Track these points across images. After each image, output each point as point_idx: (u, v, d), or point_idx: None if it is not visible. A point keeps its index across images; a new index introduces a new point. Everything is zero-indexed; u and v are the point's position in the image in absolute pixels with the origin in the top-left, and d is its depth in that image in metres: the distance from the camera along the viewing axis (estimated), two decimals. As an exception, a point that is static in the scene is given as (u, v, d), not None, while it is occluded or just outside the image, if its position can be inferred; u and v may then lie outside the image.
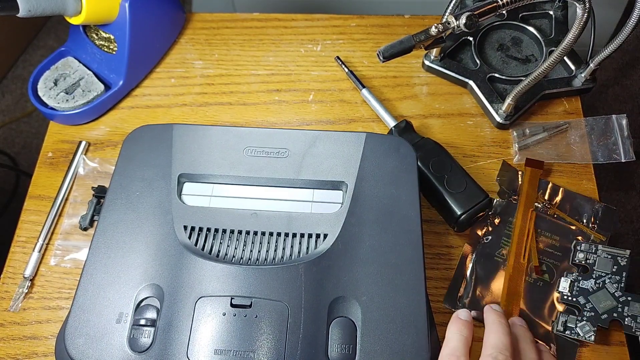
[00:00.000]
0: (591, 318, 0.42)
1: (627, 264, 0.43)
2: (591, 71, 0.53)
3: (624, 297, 0.42)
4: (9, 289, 0.47)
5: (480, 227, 0.48)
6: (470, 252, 0.47)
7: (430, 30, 0.41)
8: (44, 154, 0.54)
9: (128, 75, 0.56)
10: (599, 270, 0.44)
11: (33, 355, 0.44)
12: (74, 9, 0.49)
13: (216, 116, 0.57)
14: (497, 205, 0.48)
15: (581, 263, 0.44)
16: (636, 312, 0.42)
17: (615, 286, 0.43)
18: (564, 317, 0.43)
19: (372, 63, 0.59)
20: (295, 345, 0.35)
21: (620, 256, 0.44)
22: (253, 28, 0.63)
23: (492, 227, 0.48)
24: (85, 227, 0.49)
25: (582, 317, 0.42)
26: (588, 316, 0.42)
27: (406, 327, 0.36)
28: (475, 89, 0.55)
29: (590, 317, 0.42)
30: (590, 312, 0.42)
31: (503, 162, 0.51)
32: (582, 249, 0.44)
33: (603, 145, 0.52)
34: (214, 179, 0.43)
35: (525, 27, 0.58)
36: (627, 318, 0.42)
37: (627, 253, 0.44)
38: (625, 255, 0.43)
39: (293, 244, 0.39)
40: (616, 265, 0.43)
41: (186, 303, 0.36)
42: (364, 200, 0.41)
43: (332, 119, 0.56)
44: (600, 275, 0.43)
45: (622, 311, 0.42)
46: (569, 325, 0.42)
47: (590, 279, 0.43)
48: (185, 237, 0.39)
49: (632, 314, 0.42)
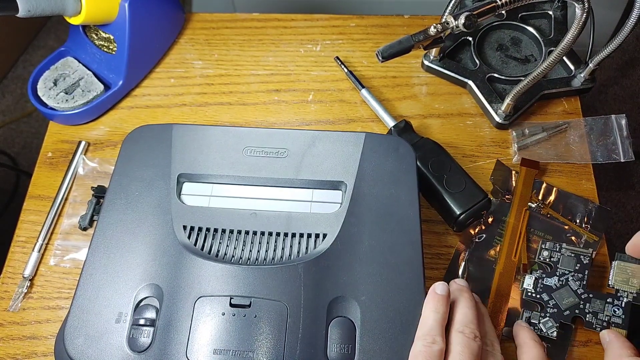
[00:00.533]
0: (554, 314, 0.43)
1: (589, 262, 0.44)
2: (590, 71, 0.53)
3: (586, 295, 0.43)
4: (9, 288, 0.47)
5: (473, 226, 0.48)
6: (463, 250, 0.47)
7: (429, 30, 0.41)
8: (43, 154, 0.55)
9: (128, 75, 0.56)
10: (562, 268, 0.44)
11: (32, 355, 0.44)
12: (74, 9, 0.49)
13: (216, 116, 0.57)
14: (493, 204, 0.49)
15: (545, 261, 0.45)
16: (597, 309, 0.42)
17: (578, 284, 0.43)
18: (528, 313, 0.43)
19: (371, 63, 0.59)
20: (295, 345, 0.35)
21: (583, 255, 0.44)
22: (253, 28, 0.63)
23: (485, 225, 0.48)
24: (84, 227, 0.49)
25: (545, 313, 0.43)
26: (551, 312, 0.43)
27: (405, 327, 0.36)
28: (475, 89, 0.55)
29: (553, 314, 0.43)
30: (553, 308, 0.43)
31: (497, 161, 0.51)
32: (547, 247, 0.45)
33: (602, 145, 0.52)
34: (213, 179, 0.43)
35: (525, 27, 0.58)
36: (588, 315, 0.42)
37: (590, 252, 0.44)
38: (588, 254, 0.44)
39: (292, 244, 0.39)
40: (579, 263, 0.44)
41: (185, 303, 0.36)
42: (363, 200, 0.41)
43: (331, 119, 0.56)
44: (563, 273, 0.44)
45: (584, 308, 0.43)
46: (532, 322, 0.43)
47: (554, 277, 0.44)
48: (184, 237, 0.39)
49: (592, 311, 0.42)
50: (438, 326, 0.35)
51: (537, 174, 0.50)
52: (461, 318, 0.36)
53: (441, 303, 0.36)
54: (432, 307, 0.36)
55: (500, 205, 0.49)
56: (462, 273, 0.46)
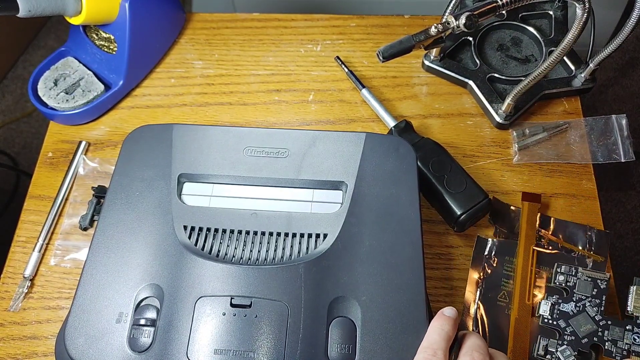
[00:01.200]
0: (572, 342, 0.41)
1: (606, 287, 0.42)
2: (591, 71, 0.53)
3: (604, 321, 0.41)
4: (9, 289, 0.47)
5: (478, 271, 0.46)
6: (473, 300, 0.45)
7: (430, 30, 0.41)
8: (44, 154, 0.55)
9: (128, 75, 0.56)
10: (579, 293, 0.43)
11: (33, 355, 0.44)
12: (74, 9, 0.49)
13: (216, 116, 0.57)
14: (493, 245, 0.47)
15: (561, 286, 0.43)
16: (616, 337, 0.41)
17: (596, 310, 0.42)
18: (545, 341, 0.42)
19: (371, 63, 0.59)
20: (295, 345, 0.35)
21: (600, 279, 0.43)
22: (253, 28, 0.63)
23: (490, 269, 0.46)
24: (85, 227, 0.49)
25: (563, 341, 0.41)
26: (569, 340, 0.41)
27: (406, 327, 0.36)
28: (475, 89, 0.55)
29: (571, 342, 0.41)
30: (571, 336, 0.41)
31: (493, 198, 0.49)
32: (562, 272, 0.43)
33: (603, 145, 0.52)
34: (213, 178, 0.43)
35: (525, 27, 0.58)
36: (607, 342, 0.41)
37: (607, 276, 0.43)
38: (605, 279, 0.43)
39: (293, 244, 0.39)
40: (596, 288, 0.42)
41: (186, 303, 0.36)
42: (363, 200, 0.41)
43: (332, 119, 0.56)
44: (580, 299, 0.42)
45: (603, 335, 0.41)
46: (549, 350, 0.41)
47: (570, 302, 0.42)
48: (185, 237, 0.39)
49: (612, 338, 0.41)
50: (442, 341, 0.34)
51: (540, 208, 0.48)
52: (471, 344, 0.35)
53: (448, 323, 0.35)
54: (437, 325, 0.35)
55: (502, 244, 0.47)
56: (473, 324, 0.44)
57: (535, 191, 0.50)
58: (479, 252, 0.47)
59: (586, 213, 0.49)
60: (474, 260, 0.46)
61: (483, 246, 0.47)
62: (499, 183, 0.51)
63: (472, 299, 0.45)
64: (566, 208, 0.50)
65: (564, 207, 0.50)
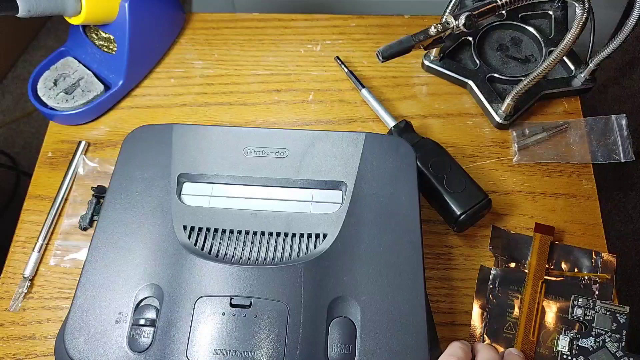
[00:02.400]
0: None
1: (626, 321, 0.41)
2: (591, 71, 0.53)
3: (626, 358, 0.40)
4: (9, 288, 0.47)
5: (483, 301, 0.44)
6: (478, 335, 0.43)
7: (430, 30, 0.41)
8: (43, 154, 0.54)
9: (128, 75, 0.56)
10: (598, 327, 0.41)
11: (33, 355, 0.44)
12: (74, 9, 0.49)
13: (216, 116, 0.57)
14: (497, 275, 0.45)
15: (579, 319, 0.42)
16: None
17: (616, 345, 0.40)
18: None
19: (371, 63, 0.59)
20: (295, 345, 0.35)
21: (619, 313, 0.41)
22: (253, 28, 0.63)
23: (495, 299, 0.44)
24: (84, 227, 0.49)
25: None
26: None
27: (405, 327, 0.36)
28: (475, 89, 0.55)
29: None
30: None
31: (492, 226, 0.48)
32: (580, 304, 0.42)
33: (602, 145, 0.52)
34: (213, 179, 0.43)
35: (525, 27, 0.58)
36: None
37: (627, 310, 0.42)
38: (625, 312, 0.41)
39: (292, 244, 0.39)
40: (615, 322, 0.41)
41: (186, 303, 0.36)
42: (363, 200, 0.41)
43: (331, 119, 0.56)
44: (599, 333, 0.41)
45: None
46: None
47: (589, 337, 0.41)
48: (184, 237, 0.39)
49: None
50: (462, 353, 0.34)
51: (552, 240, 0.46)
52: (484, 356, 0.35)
53: (461, 349, 0.35)
54: (449, 352, 0.35)
55: (505, 273, 0.45)
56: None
57: (535, 191, 0.50)
58: (482, 282, 0.45)
59: (586, 213, 0.49)
60: (478, 291, 0.45)
61: (486, 276, 0.45)
62: (498, 183, 0.51)
63: (478, 332, 0.43)
64: (566, 208, 0.50)
65: (564, 207, 0.50)
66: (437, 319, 0.44)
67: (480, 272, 0.46)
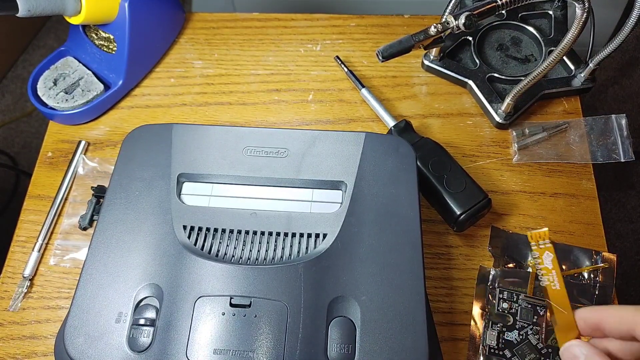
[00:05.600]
0: None
1: (545, 313, 0.42)
2: (590, 71, 0.53)
3: (546, 350, 0.41)
4: (9, 288, 0.47)
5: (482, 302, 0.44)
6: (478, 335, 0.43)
7: (430, 30, 0.41)
8: (43, 153, 0.54)
9: (128, 75, 0.56)
10: (521, 320, 0.42)
11: (32, 355, 0.44)
12: (74, 9, 0.49)
13: (216, 116, 0.57)
14: (496, 275, 0.45)
15: (504, 313, 0.43)
16: None
17: (537, 337, 0.41)
18: None
19: (371, 63, 0.59)
20: (295, 344, 0.35)
21: (539, 306, 0.42)
22: (253, 28, 0.63)
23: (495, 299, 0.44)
24: (84, 227, 0.49)
25: None
26: None
27: (405, 326, 0.36)
28: (475, 88, 0.55)
29: None
30: None
31: (492, 226, 0.47)
32: (505, 298, 0.43)
33: (602, 145, 0.52)
34: (213, 178, 0.43)
35: (525, 27, 0.58)
36: None
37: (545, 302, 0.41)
38: (544, 305, 0.42)
39: (292, 244, 0.39)
40: (536, 315, 0.42)
41: (185, 303, 0.36)
42: (363, 200, 0.41)
43: (331, 118, 0.56)
44: (522, 326, 0.42)
45: None
46: None
47: (514, 330, 0.42)
48: (184, 236, 0.39)
49: None
50: None
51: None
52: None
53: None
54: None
55: (504, 273, 0.45)
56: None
57: (535, 191, 0.50)
58: (481, 283, 0.45)
59: (586, 213, 0.49)
60: (478, 292, 0.45)
61: (485, 277, 0.45)
62: (498, 183, 0.51)
63: (478, 333, 0.43)
64: (566, 208, 0.50)
65: (564, 207, 0.50)
66: (437, 318, 0.44)
67: (479, 272, 0.46)
